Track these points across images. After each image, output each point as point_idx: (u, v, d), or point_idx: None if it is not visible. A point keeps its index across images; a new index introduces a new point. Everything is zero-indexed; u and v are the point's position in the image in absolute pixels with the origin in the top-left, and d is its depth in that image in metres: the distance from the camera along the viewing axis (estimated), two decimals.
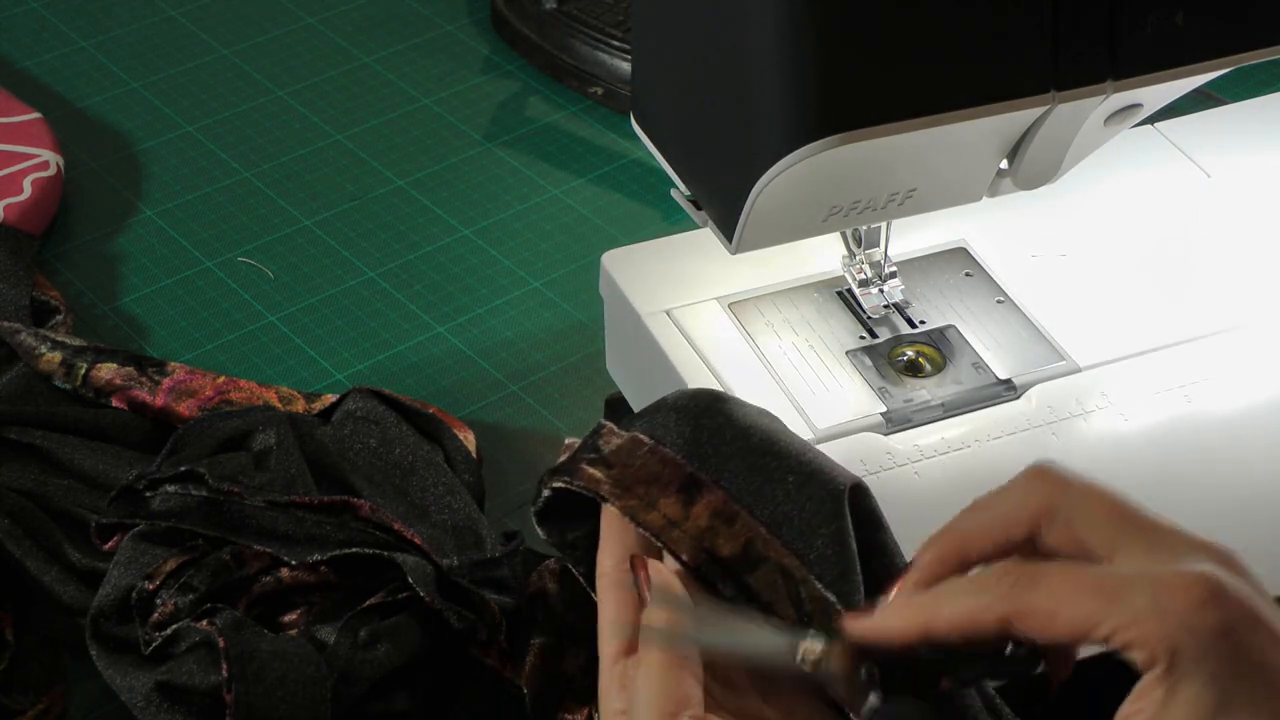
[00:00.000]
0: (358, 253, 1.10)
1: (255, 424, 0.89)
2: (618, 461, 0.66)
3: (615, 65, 1.21)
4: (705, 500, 0.65)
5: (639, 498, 0.65)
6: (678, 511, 0.64)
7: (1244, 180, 0.96)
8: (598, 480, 0.65)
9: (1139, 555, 0.57)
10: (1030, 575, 0.57)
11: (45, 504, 0.88)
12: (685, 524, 0.64)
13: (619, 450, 0.66)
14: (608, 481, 0.65)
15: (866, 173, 0.76)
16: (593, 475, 0.66)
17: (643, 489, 0.65)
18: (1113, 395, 0.84)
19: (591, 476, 0.66)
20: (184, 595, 0.81)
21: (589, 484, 0.65)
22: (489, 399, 1.00)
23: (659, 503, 0.64)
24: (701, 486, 0.65)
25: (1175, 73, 0.74)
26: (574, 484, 0.66)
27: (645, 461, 0.66)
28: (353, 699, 0.79)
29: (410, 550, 0.83)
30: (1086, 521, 0.58)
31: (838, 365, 0.85)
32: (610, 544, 0.65)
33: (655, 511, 0.64)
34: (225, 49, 1.27)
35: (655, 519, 0.64)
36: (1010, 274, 0.90)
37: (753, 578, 0.63)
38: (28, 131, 1.13)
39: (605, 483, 0.65)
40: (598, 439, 0.67)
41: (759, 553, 0.64)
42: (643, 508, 0.64)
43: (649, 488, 0.65)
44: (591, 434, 0.68)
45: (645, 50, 0.81)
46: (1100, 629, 0.55)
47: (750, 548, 0.64)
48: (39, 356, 0.94)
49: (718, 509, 0.64)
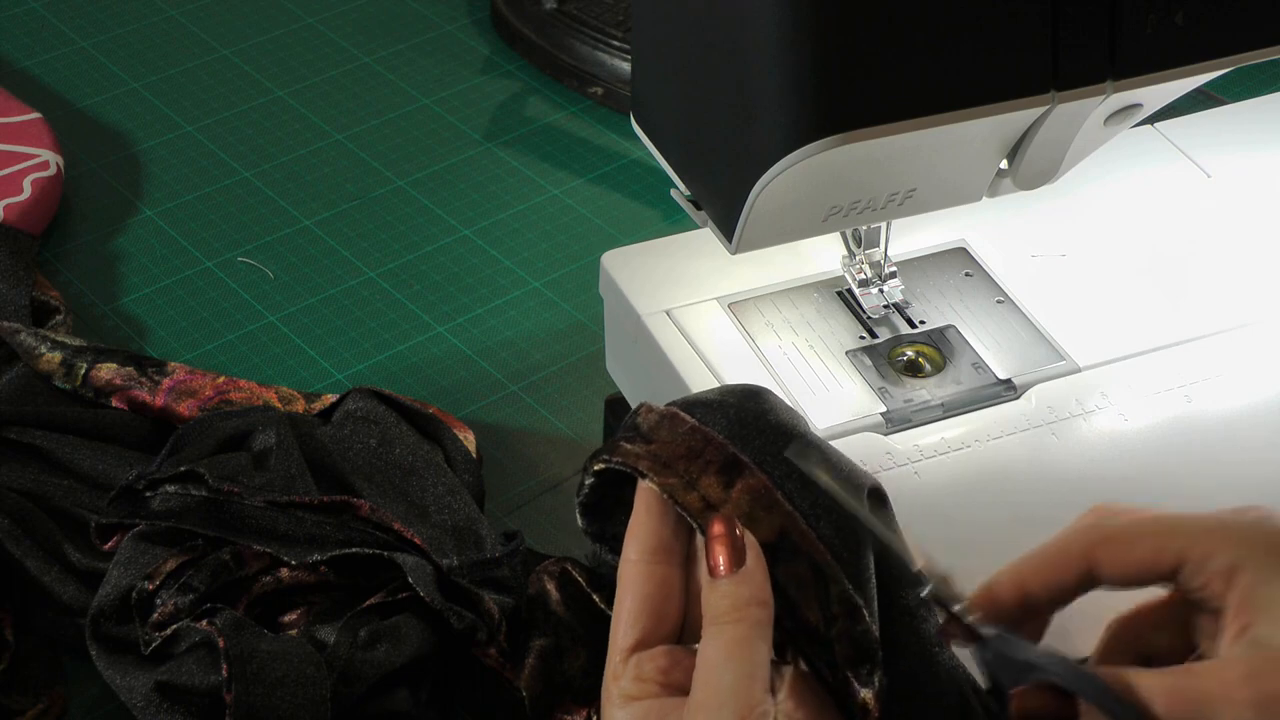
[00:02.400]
0: (358, 253, 1.10)
1: (255, 424, 0.89)
2: (657, 437, 0.63)
3: (615, 65, 1.21)
4: (745, 482, 0.62)
5: (679, 475, 0.62)
6: (717, 492, 0.62)
7: (1244, 180, 0.96)
8: (636, 455, 0.63)
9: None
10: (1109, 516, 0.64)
11: (45, 504, 0.88)
12: (724, 506, 0.62)
13: (658, 425, 0.64)
14: (646, 457, 0.63)
15: (866, 173, 0.76)
16: (631, 450, 0.63)
17: (683, 465, 0.62)
18: (1113, 395, 0.84)
19: (629, 452, 0.63)
20: (184, 595, 0.81)
21: (627, 459, 0.63)
22: (489, 399, 1.00)
23: (699, 481, 0.62)
24: (742, 468, 0.62)
25: (1175, 73, 0.74)
26: (612, 461, 0.63)
27: (687, 437, 0.63)
28: (353, 699, 0.79)
29: (410, 550, 0.83)
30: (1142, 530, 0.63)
31: (838, 365, 0.85)
32: (639, 530, 0.63)
33: (694, 492, 0.62)
34: (225, 49, 1.27)
35: (694, 500, 0.62)
36: (1010, 274, 0.90)
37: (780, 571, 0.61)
38: (28, 131, 1.13)
39: (644, 458, 0.63)
40: (636, 417, 0.65)
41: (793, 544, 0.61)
42: (682, 486, 0.62)
43: (690, 464, 0.62)
44: (630, 414, 0.65)
45: (645, 50, 0.81)
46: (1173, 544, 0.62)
47: (785, 538, 0.62)
48: (39, 356, 0.94)
49: (757, 493, 0.62)
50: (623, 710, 0.61)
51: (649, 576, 0.62)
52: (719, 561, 0.61)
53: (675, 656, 0.61)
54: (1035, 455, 0.81)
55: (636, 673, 0.61)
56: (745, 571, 0.60)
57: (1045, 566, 0.64)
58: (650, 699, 0.61)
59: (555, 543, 0.92)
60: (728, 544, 0.61)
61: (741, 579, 0.60)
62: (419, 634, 0.81)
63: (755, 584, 0.60)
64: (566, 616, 0.83)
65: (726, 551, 0.61)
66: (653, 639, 0.62)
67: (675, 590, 0.63)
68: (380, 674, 0.80)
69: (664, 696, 0.61)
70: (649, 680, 0.61)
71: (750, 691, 0.58)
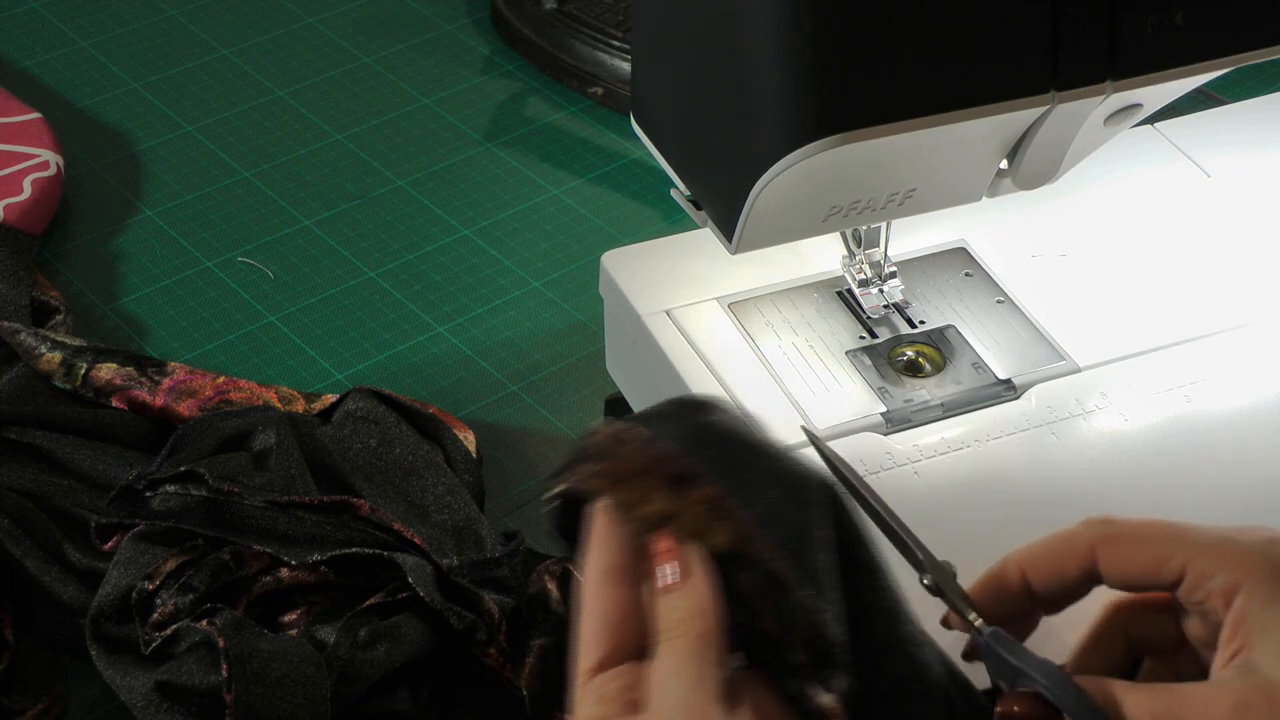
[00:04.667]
0: (358, 253, 1.10)
1: (255, 424, 0.89)
2: (610, 455, 0.64)
3: (615, 65, 1.21)
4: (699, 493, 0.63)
5: (633, 490, 0.63)
6: (672, 504, 0.63)
7: (1244, 180, 0.96)
8: (590, 474, 0.64)
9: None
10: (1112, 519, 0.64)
11: (45, 504, 0.88)
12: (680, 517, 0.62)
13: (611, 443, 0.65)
14: (599, 475, 0.64)
15: (866, 173, 0.76)
16: (585, 469, 0.64)
17: (637, 480, 0.63)
18: (1113, 395, 0.84)
19: (583, 471, 0.64)
20: (184, 595, 0.81)
21: (582, 480, 0.64)
22: (489, 399, 1.00)
23: (652, 495, 0.63)
24: (696, 477, 0.63)
25: (1175, 73, 0.74)
26: (570, 483, 0.64)
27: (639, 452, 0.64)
28: (353, 699, 0.79)
29: (410, 550, 0.83)
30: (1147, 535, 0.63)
31: (838, 365, 0.85)
32: (596, 551, 0.63)
33: (649, 506, 0.63)
34: (225, 49, 1.27)
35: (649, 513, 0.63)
36: (1010, 274, 0.90)
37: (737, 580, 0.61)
38: (28, 131, 1.13)
39: (597, 476, 0.64)
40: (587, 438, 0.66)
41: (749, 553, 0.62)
42: (636, 501, 0.63)
43: (643, 478, 0.63)
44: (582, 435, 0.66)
45: (645, 50, 0.81)
46: (1178, 556, 0.61)
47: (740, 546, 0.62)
48: (39, 356, 0.94)
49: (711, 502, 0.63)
50: None
51: (606, 598, 0.62)
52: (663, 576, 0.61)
53: (638, 674, 0.61)
54: (1035, 455, 0.81)
55: (599, 694, 0.61)
56: (689, 584, 0.60)
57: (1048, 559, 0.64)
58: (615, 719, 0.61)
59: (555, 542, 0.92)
60: (671, 558, 0.61)
61: (686, 592, 0.60)
62: (419, 634, 0.81)
63: (699, 595, 0.60)
64: (566, 615, 0.83)
65: (671, 565, 0.61)
66: (614, 659, 0.61)
67: (635, 609, 0.62)
68: (380, 674, 0.80)
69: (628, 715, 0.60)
70: (612, 700, 0.60)
71: (699, 705, 0.58)
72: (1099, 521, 0.64)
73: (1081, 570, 0.63)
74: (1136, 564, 0.62)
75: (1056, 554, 0.64)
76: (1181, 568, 0.61)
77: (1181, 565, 0.61)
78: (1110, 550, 0.63)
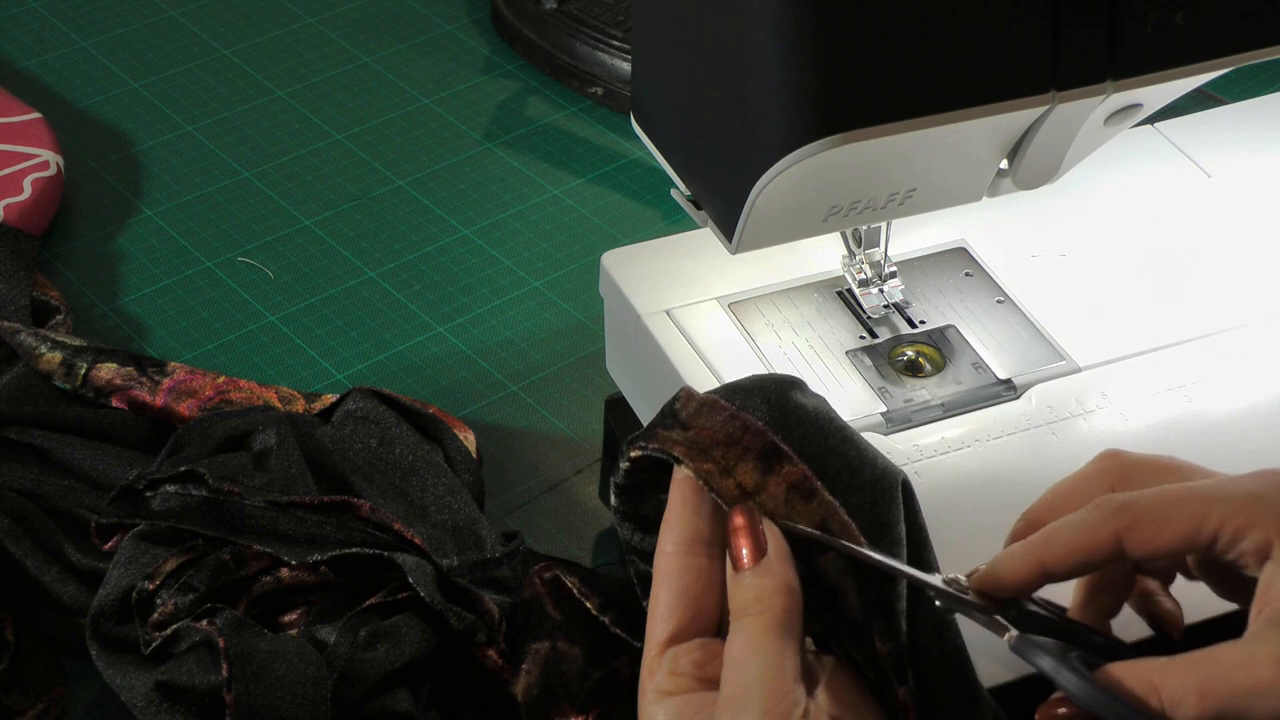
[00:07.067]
0: (358, 253, 1.10)
1: (255, 424, 0.89)
2: (695, 424, 0.63)
3: (615, 65, 1.21)
4: (784, 471, 0.61)
5: (715, 461, 0.61)
6: (754, 480, 0.61)
7: (1244, 180, 0.96)
8: (673, 442, 0.62)
9: None
10: (1133, 495, 0.62)
11: (45, 504, 0.88)
12: (761, 495, 0.61)
13: (697, 413, 0.63)
14: (683, 443, 0.62)
15: (866, 173, 0.76)
16: (668, 437, 0.62)
17: (720, 452, 0.62)
18: (1113, 395, 0.84)
19: (666, 438, 0.62)
20: (184, 595, 0.81)
21: (664, 445, 0.62)
22: (489, 399, 1.00)
23: (735, 469, 0.61)
24: (782, 456, 0.61)
25: (1175, 73, 0.74)
26: (649, 448, 0.63)
27: (725, 424, 0.62)
28: (353, 699, 0.79)
29: (410, 550, 0.83)
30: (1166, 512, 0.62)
31: (838, 365, 0.85)
32: (675, 521, 0.62)
33: (730, 479, 0.61)
34: (225, 49, 1.27)
35: (730, 486, 0.61)
36: (1010, 274, 0.90)
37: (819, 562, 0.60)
38: (28, 131, 1.13)
39: (680, 444, 0.62)
40: (674, 403, 0.64)
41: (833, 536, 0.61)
42: (718, 473, 0.61)
43: (727, 451, 0.62)
44: (670, 400, 0.65)
45: (645, 50, 0.81)
46: (1209, 523, 0.60)
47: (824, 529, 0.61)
48: (39, 356, 0.94)
49: (796, 482, 0.61)
50: (657, 705, 0.60)
51: (685, 568, 0.61)
52: (740, 553, 0.60)
53: (712, 649, 0.60)
54: (1035, 455, 0.81)
55: (672, 667, 0.60)
56: (766, 562, 0.60)
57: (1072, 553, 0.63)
58: (686, 694, 0.60)
59: (555, 543, 0.92)
60: (749, 535, 0.60)
61: (763, 570, 0.59)
62: (419, 634, 0.81)
63: (777, 574, 0.59)
64: (561, 620, 0.83)
65: (748, 543, 0.60)
66: (689, 632, 0.61)
67: (712, 582, 0.61)
68: (380, 674, 0.80)
69: (700, 691, 0.60)
70: (684, 674, 0.60)
71: (778, 683, 0.58)
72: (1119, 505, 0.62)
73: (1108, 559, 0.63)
74: (1165, 541, 0.62)
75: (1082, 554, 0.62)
76: (1213, 535, 0.61)
77: (1213, 533, 0.61)
78: (1136, 536, 0.62)
